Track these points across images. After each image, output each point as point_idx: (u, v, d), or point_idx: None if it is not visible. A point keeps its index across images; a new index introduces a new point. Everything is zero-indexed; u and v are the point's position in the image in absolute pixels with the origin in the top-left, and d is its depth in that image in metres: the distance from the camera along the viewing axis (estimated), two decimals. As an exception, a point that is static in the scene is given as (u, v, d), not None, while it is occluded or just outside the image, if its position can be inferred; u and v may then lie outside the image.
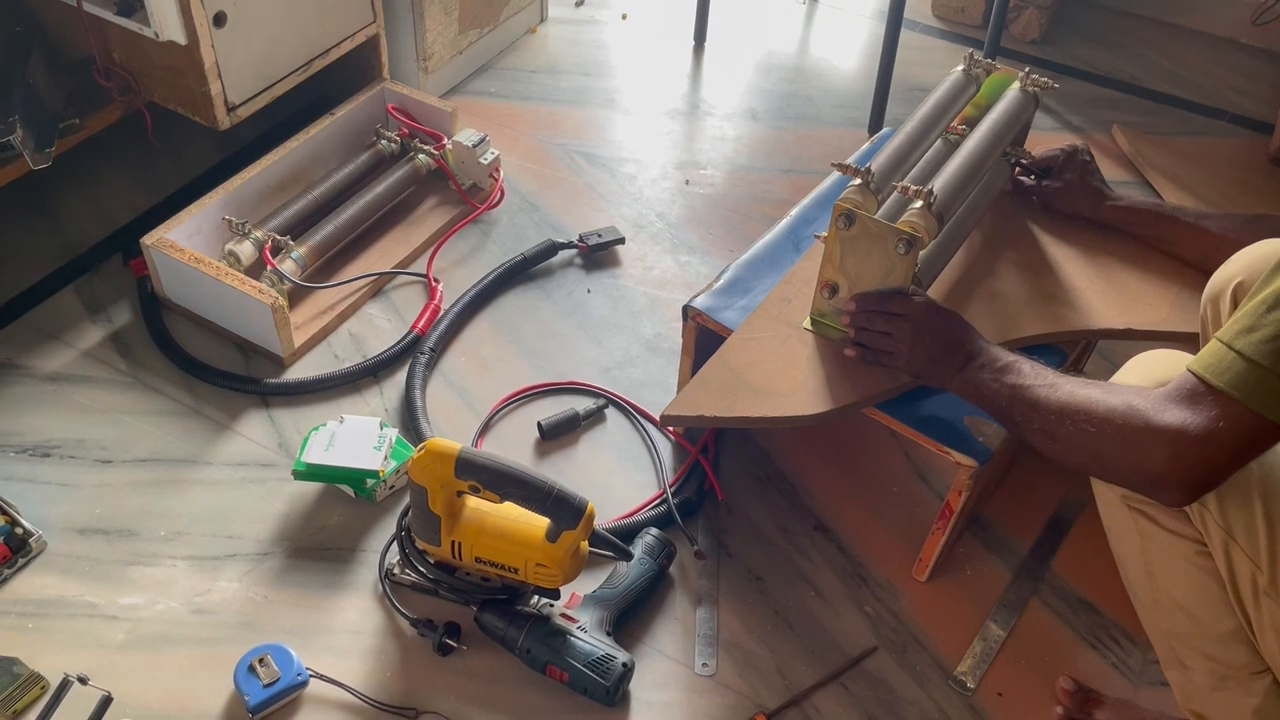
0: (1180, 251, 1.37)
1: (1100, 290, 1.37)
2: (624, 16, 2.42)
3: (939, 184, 1.22)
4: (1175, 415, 0.89)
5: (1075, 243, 1.44)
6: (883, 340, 1.23)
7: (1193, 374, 0.89)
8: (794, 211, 1.54)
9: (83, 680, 1.14)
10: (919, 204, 1.19)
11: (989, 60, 1.43)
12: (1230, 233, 1.28)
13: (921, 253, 1.23)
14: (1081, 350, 1.42)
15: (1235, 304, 1.09)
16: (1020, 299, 1.36)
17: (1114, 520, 1.09)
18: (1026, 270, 1.40)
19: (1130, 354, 1.10)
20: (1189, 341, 1.34)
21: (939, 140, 1.38)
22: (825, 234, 1.25)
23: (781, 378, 1.27)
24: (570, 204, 1.90)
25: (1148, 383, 0.99)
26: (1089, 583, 1.37)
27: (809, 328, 1.33)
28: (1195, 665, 1.06)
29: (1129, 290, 1.37)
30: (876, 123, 2.08)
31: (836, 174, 1.58)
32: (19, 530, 1.31)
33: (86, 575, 1.31)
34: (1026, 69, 1.41)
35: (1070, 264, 1.41)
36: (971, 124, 1.37)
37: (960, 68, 1.41)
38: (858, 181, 1.22)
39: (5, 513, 1.32)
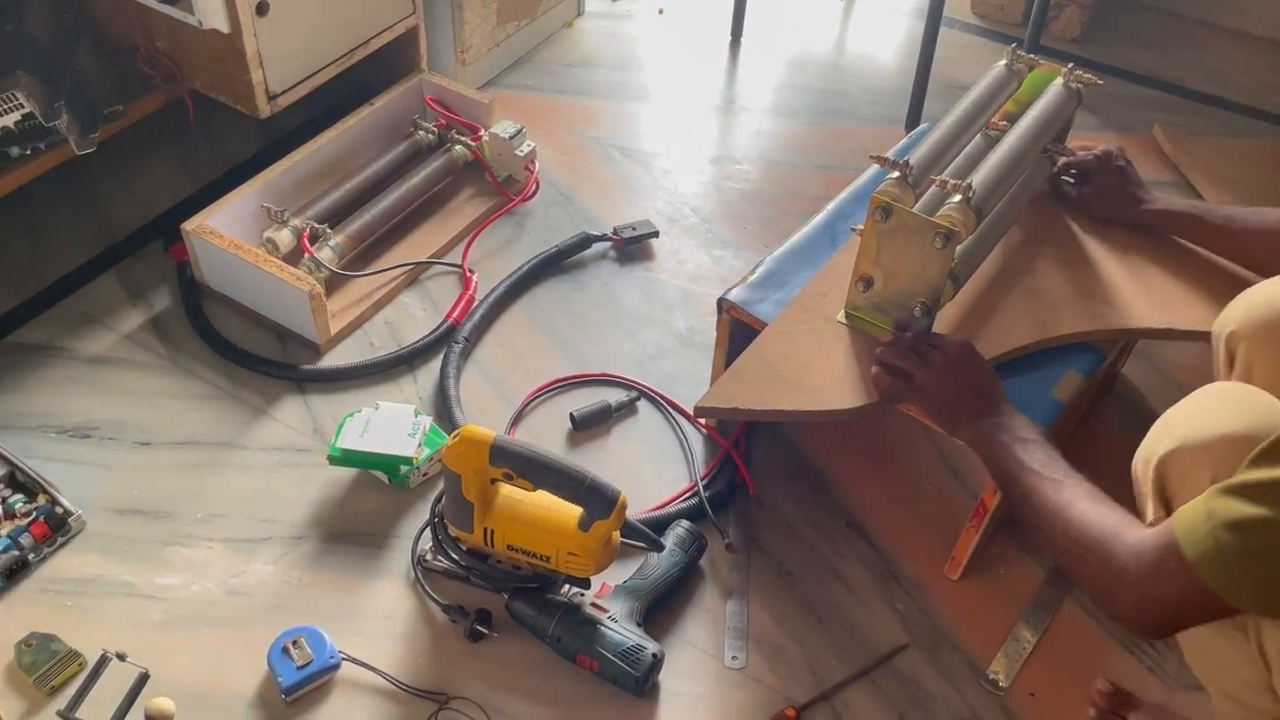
0: (1220, 251, 1.35)
1: (1141, 289, 1.36)
2: (660, 11, 2.42)
3: (978, 178, 1.21)
4: (1145, 571, 0.87)
5: (1115, 241, 1.42)
6: (910, 361, 1.20)
7: (1172, 533, 0.86)
8: (830, 205, 1.53)
9: (121, 657, 1.16)
10: (957, 198, 1.18)
11: (1031, 56, 1.42)
12: (1260, 227, 1.26)
13: (959, 248, 1.22)
14: (1121, 350, 1.40)
15: (1229, 355, 1.06)
16: (1059, 296, 1.35)
17: None
18: (1066, 268, 1.39)
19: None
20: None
21: (979, 135, 1.37)
22: (862, 227, 1.25)
23: (816, 371, 1.27)
24: (604, 197, 1.90)
25: (1215, 427, 0.93)
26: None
27: (844, 321, 1.32)
28: (1221, 705, 1.04)
29: (1170, 289, 1.36)
30: (913, 120, 2.07)
31: (874, 168, 1.58)
32: (59, 509, 1.33)
33: (124, 555, 1.33)
34: (1070, 65, 1.40)
35: (1110, 262, 1.40)
36: (1012, 120, 1.36)
37: (1002, 62, 1.40)
38: (896, 175, 1.21)
39: (46, 492, 1.34)
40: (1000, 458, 1.10)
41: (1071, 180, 1.46)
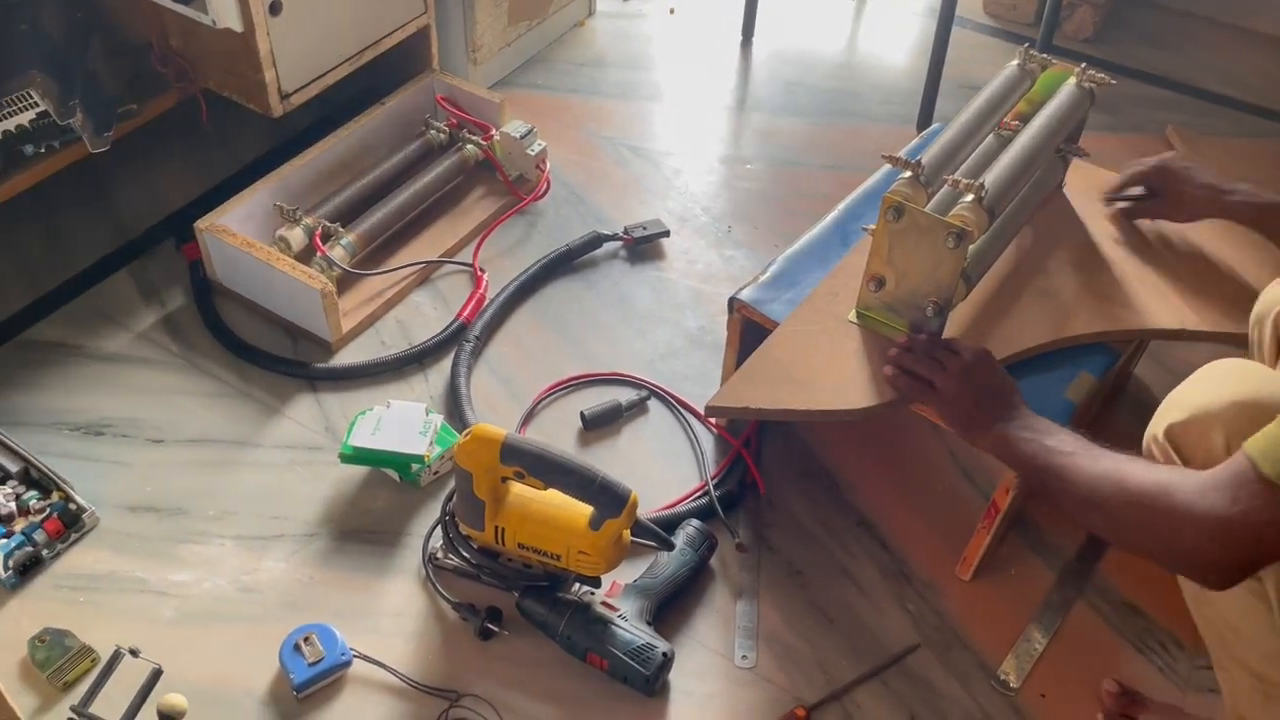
0: None
1: (1154, 289, 1.35)
2: (671, 11, 2.42)
3: (991, 178, 1.21)
4: (1219, 502, 0.85)
5: (1128, 241, 1.42)
6: (928, 366, 1.18)
7: (1246, 456, 0.85)
8: (842, 205, 1.53)
9: (134, 653, 1.16)
10: (970, 198, 1.18)
11: (1044, 55, 1.41)
12: None
13: (971, 248, 1.22)
14: (1134, 350, 1.40)
15: (1176, 450, 1.02)
16: (1072, 297, 1.35)
17: None
18: (1079, 268, 1.38)
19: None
20: (1244, 344, 1.32)
21: (991, 135, 1.37)
22: (874, 227, 1.24)
23: (827, 371, 1.27)
24: (615, 196, 1.90)
25: (1220, 395, 0.95)
26: (1136, 587, 1.35)
27: (855, 321, 1.32)
28: (1240, 678, 1.04)
29: (1183, 290, 1.35)
30: (925, 120, 2.06)
31: (885, 168, 1.58)
32: (73, 506, 1.33)
33: (137, 551, 1.33)
34: (1083, 64, 1.39)
35: (1123, 262, 1.39)
36: (1025, 120, 1.36)
37: (1015, 62, 1.40)
38: (908, 174, 1.21)
39: (59, 489, 1.35)
40: (1028, 453, 1.08)
41: (1136, 196, 1.42)
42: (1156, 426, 0.99)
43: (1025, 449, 1.09)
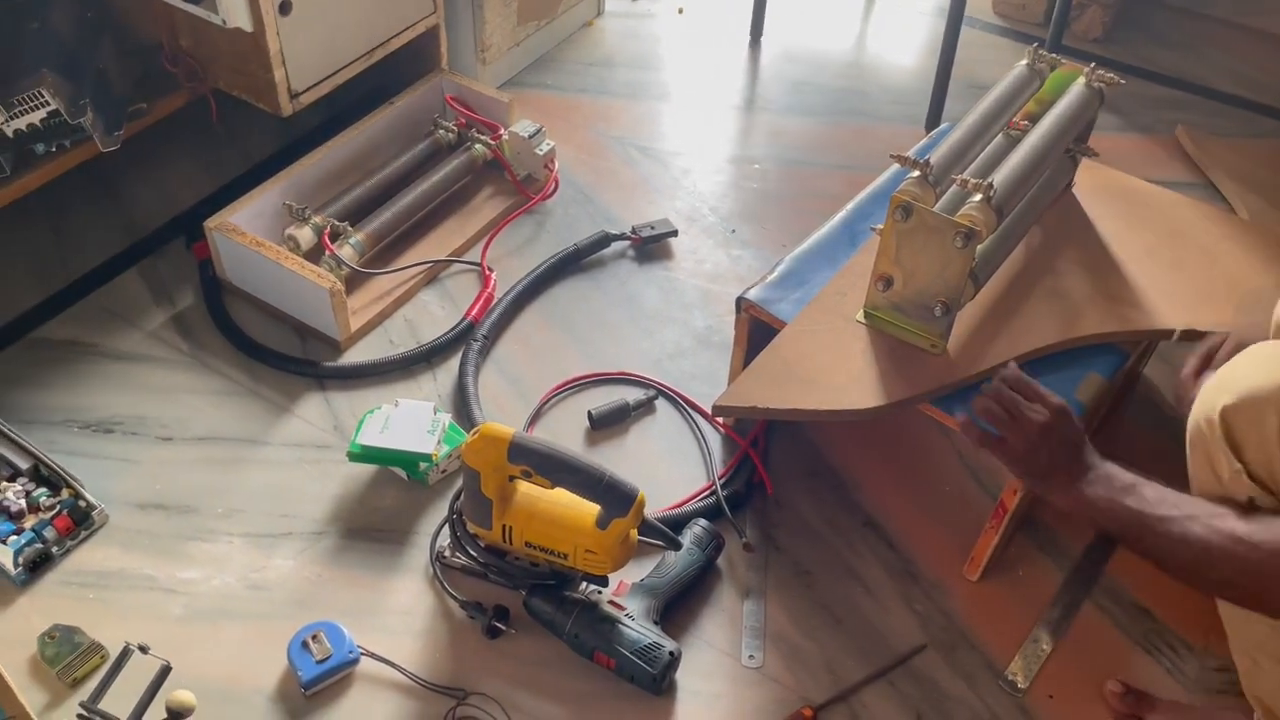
0: None
1: (1163, 290, 1.35)
2: (680, 11, 2.42)
3: (999, 178, 1.21)
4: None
5: (1137, 242, 1.42)
6: (1004, 421, 1.12)
7: None
8: (850, 205, 1.53)
9: (143, 649, 1.17)
10: (978, 197, 1.18)
11: (1054, 55, 1.41)
12: None
13: (979, 247, 1.22)
14: (1143, 351, 1.40)
15: (1227, 432, 0.98)
16: (1081, 297, 1.34)
17: None
18: (1087, 268, 1.38)
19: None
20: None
21: (1000, 135, 1.37)
22: (882, 227, 1.24)
23: (835, 371, 1.27)
24: (624, 196, 1.90)
25: (1271, 378, 0.92)
26: (1145, 588, 1.35)
27: (863, 321, 1.32)
28: (1269, 668, 1.04)
29: (1192, 290, 1.35)
30: (934, 120, 2.06)
31: (894, 167, 1.58)
32: (82, 503, 1.34)
33: (146, 549, 1.34)
34: (1092, 64, 1.39)
35: (1132, 263, 1.39)
36: (1034, 119, 1.36)
37: (1024, 62, 1.39)
38: (916, 174, 1.21)
39: (69, 486, 1.36)
40: (1112, 515, 1.03)
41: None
42: (1209, 409, 0.97)
43: (1107, 509, 1.04)
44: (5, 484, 1.35)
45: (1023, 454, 1.11)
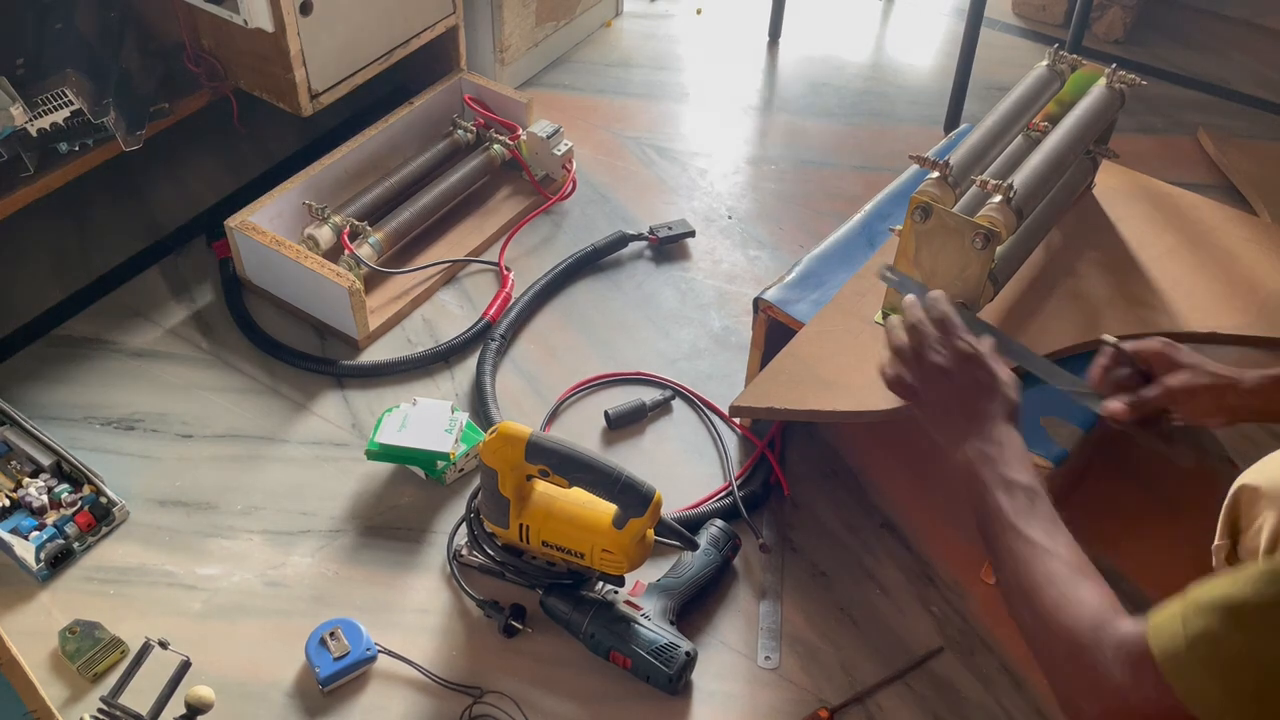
0: None
1: (1184, 293, 1.34)
2: (698, 11, 2.42)
3: (1019, 179, 1.21)
4: (1118, 678, 0.76)
5: (1158, 243, 1.41)
6: (909, 360, 1.02)
7: (1149, 649, 0.75)
8: (868, 206, 1.53)
9: (163, 645, 1.17)
10: (998, 199, 1.17)
11: (1074, 56, 1.40)
12: None
13: (999, 249, 1.22)
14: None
15: (1232, 507, 0.93)
16: (1102, 300, 1.34)
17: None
18: (1108, 271, 1.37)
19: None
20: (1276, 347, 1.31)
21: (1020, 136, 1.36)
22: (900, 228, 1.24)
23: (853, 372, 1.27)
24: (641, 196, 1.91)
25: None
26: (1160, 591, 1.33)
27: (881, 322, 1.32)
28: None
29: (1214, 293, 1.34)
30: (953, 121, 2.05)
31: (913, 168, 1.57)
32: (103, 500, 1.35)
33: (166, 545, 1.35)
34: (1113, 65, 1.38)
35: (1154, 265, 1.38)
36: (1054, 120, 1.35)
37: (1044, 63, 1.39)
38: (935, 175, 1.20)
39: (91, 482, 1.37)
40: (978, 497, 0.93)
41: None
42: (1242, 478, 0.96)
43: (978, 489, 0.93)
44: (27, 480, 1.36)
45: (923, 394, 1.01)
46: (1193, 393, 1.05)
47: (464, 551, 1.33)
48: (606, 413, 1.51)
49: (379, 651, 1.23)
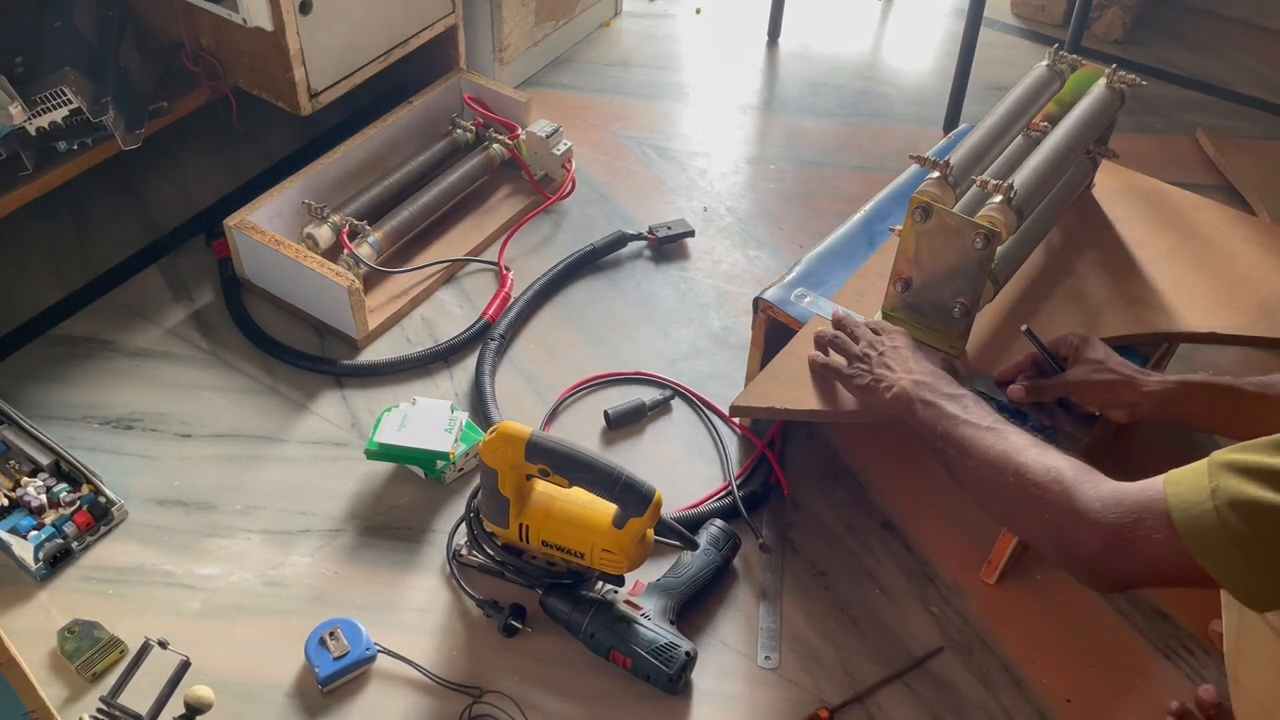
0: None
1: (1184, 292, 1.34)
2: (698, 11, 2.42)
3: (1020, 179, 1.21)
4: (1122, 520, 0.83)
5: (1157, 243, 1.41)
6: (840, 347, 1.23)
7: (1163, 496, 0.81)
8: (868, 206, 1.53)
9: (163, 644, 1.17)
10: (998, 198, 1.17)
11: (1074, 56, 1.40)
12: None
13: (999, 249, 1.22)
14: (1162, 353, 1.39)
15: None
16: (1102, 299, 1.34)
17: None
18: (1108, 271, 1.38)
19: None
20: (1275, 347, 1.31)
21: (1020, 136, 1.36)
22: (900, 228, 1.24)
23: (853, 372, 1.27)
24: (640, 196, 1.90)
25: None
26: (1163, 592, 1.34)
27: (882, 323, 1.32)
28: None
29: (1214, 293, 1.34)
30: (952, 121, 2.05)
31: (913, 168, 1.57)
32: (102, 499, 1.35)
33: (165, 545, 1.34)
34: (1113, 66, 1.38)
35: (1153, 265, 1.38)
36: (1054, 121, 1.35)
37: (1044, 63, 1.39)
38: (936, 174, 1.20)
39: (89, 482, 1.36)
40: (926, 418, 1.04)
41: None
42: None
43: (922, 413, 1.05)
44: (26, 479, 1.36)
45: (851, 372, 1.20)
46: (1086, 386, 1.19)
47: (464, 551, 1.33)
48: (606, 412, 1.51)
49: (378, 651, 1.23)
